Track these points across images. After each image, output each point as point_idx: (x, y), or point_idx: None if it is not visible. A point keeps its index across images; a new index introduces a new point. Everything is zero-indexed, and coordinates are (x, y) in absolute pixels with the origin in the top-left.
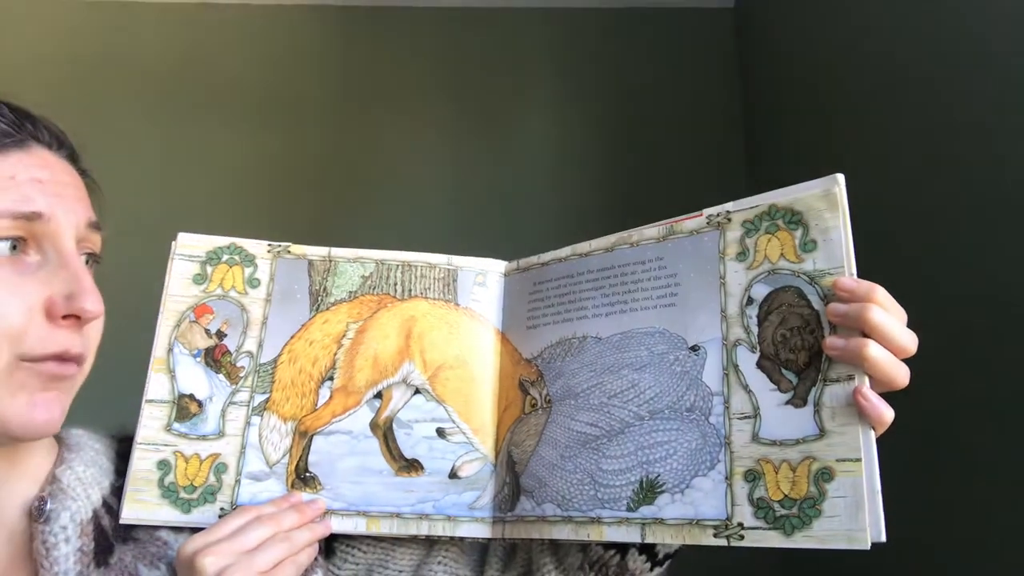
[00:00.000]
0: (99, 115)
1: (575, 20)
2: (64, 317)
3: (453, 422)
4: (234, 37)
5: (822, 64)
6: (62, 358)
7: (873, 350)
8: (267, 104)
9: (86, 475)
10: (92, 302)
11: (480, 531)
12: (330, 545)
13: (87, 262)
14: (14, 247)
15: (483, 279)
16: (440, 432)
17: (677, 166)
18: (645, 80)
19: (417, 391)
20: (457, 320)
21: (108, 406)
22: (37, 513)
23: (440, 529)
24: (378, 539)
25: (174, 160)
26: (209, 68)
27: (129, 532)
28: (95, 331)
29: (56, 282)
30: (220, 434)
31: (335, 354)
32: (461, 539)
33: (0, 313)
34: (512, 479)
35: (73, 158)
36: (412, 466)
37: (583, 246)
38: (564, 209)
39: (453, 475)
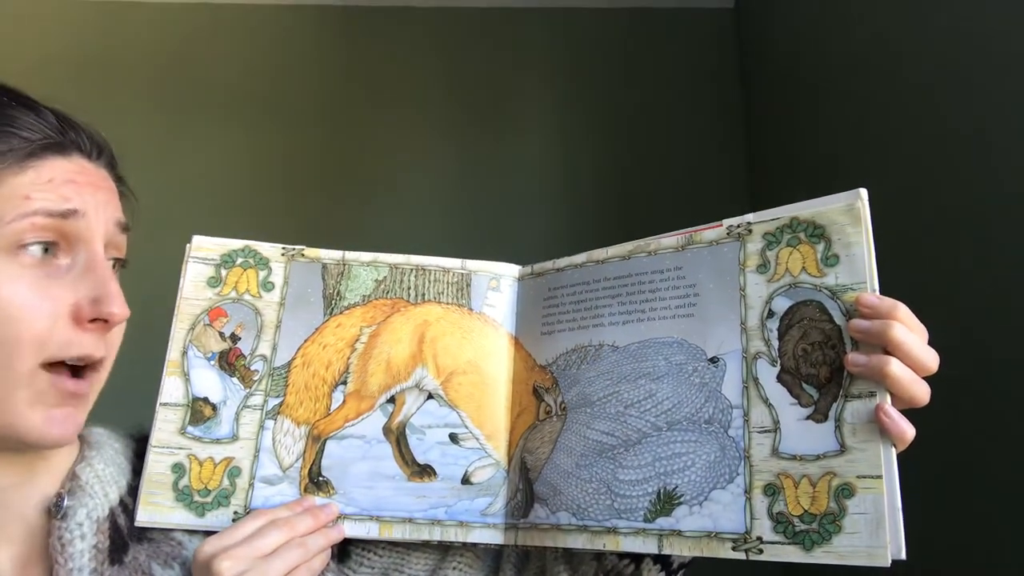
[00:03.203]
0: (98, 115)
1: (575, 20)
2: (91, 321)
3: (466, 427)
4: (234, 37)
5: (822, 64)
6: (84, 361)
7: (895, 367)
8: (267, 104)
9: (105, 473)
10: (118, 306)
11: (492, 537)
12: (345, 549)
13: (113, 267)
14: (46, 251)
15: (497, 284)
16: (453, 437)
17: (677, 166)
18: (645, 80)
19: (430, 396)
20: (470, 325)
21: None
22: (55, 509)
23: (452, 535)
24: (393, 544)
25: (174, 160)
26: (209, 68)
27: (144, 531)
28: (117, 335)
29: (83, 287)
30: (234, 438)
31: (348, 358)
32: (474, 545)
33: (29, 317)
34: (525, 486)
35: (111, 165)
36: (425, 471)
37: (599, 253)
38: (563, 209)
39: (466, 481)
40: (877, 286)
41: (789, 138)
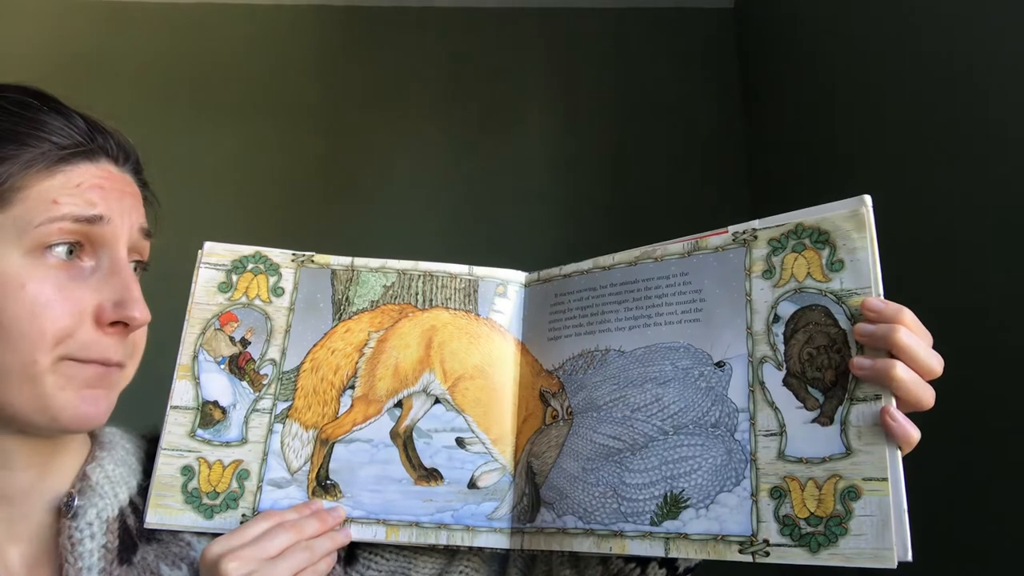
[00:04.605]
0: (98, 115)
1: (575, 20)
2: (112, 324)
3: (472, 432)
4: (234, 37)
5: (822, 64)
6: (103, 364)
7: (900, 371)
8: (267, 104)
9: (115, 474)
10: (139, 310)
11: (499, 542)
12: (353, 552)
13: (135, 269)
14: (71, 252)
15: (504, 290)
16: (459, 442)
17: (676, 166)
18: (645, 80)
19: (437, 401)
20: (477, 330)
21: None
22: (65, 509)
23: (459, 539)
24: (400, 547)
25: (174, 161)
26: (209, 68)
27: (153, 532)
28: (140, 336)
29: (106, 289)
30: (243, 441)
31: (356, 363)
32: (480, 549)
33: (51, 316)
34: (531, 490)
35: (137, 170)
36: (431, 475)
37: (606, 259)
38: (562, 210)
39: (472, 485)
40: (882, 291)
41: (788, 138)
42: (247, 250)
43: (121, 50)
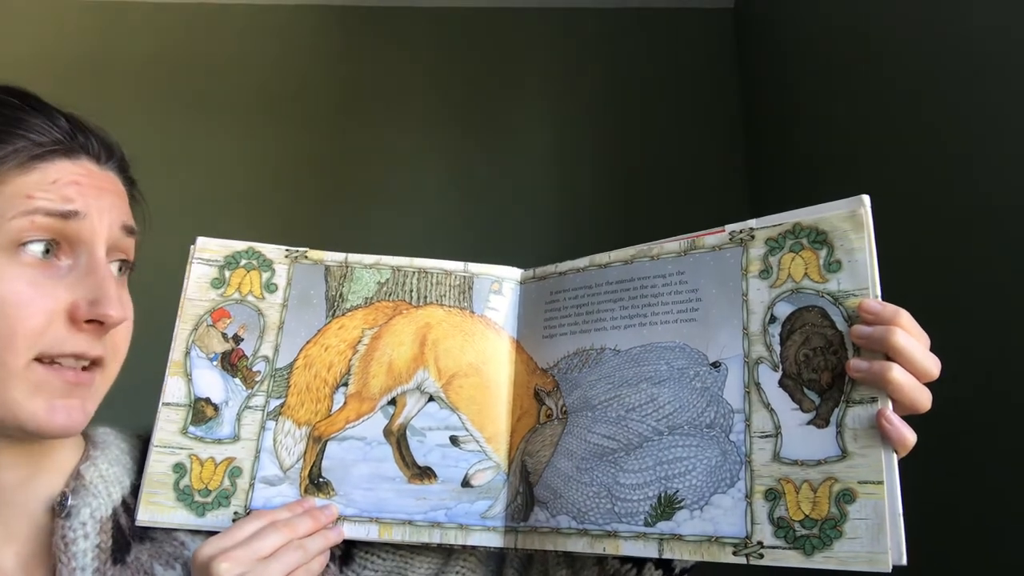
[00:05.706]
0: (98, 115)
1: (575, 20)
2: (88, 322)
3: (466, 430)
4: (234, 37)
5: (822, 64)
6: (79, 358)
7: (896, 373)
8: (267, 104)
9: (109, 473)
10: (115, 308)
11: (492, 540)
12: (349, 551)
13: (120, 269)
14: (47, 250)
15: (499, 287)
16: (453, 440)
17: (676, 166)
18: (644, 80)
19: (431, 398)
20: (472, 328)
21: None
22: (59, 508)
23: (452, 537)
24: (397, 547)
25: (173, 161)
26: (209, 68)
27: (146, 531)
28: (121, 336)
29: (81, 288)
30: (235, 438)
31: (350, 360)
32: (474, 548)
33: (24, 313)
34: (526, 489)
35: (122, 168)
36: (425, 473)
37: (601, 257)
38: (561, 210)
39: (466, 483)
40: (879, 292)
41: (788, 139)
42: (240, 246)
43: (121, 50)
